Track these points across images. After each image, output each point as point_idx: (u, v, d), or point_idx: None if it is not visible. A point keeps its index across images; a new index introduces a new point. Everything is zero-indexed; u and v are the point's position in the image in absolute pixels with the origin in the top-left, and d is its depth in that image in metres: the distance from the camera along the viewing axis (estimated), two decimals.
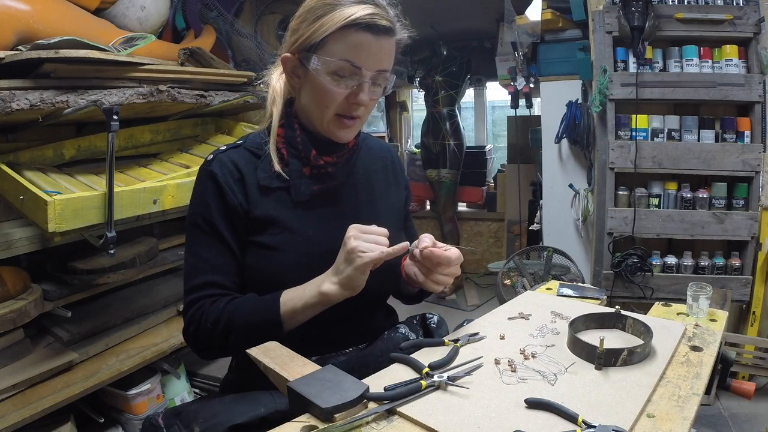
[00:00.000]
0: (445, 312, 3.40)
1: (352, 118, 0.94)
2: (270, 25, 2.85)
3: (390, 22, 0.90)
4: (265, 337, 0.86)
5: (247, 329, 0.88)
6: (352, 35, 0.87)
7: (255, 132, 1.03)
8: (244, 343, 0.85)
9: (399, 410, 0.70)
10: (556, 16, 2.55)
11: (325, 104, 0.92)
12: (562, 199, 2.70)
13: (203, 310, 0.91)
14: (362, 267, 0.83)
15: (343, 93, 0.91)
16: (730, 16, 2.19)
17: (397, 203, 1.12)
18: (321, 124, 0.95)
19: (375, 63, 0.90)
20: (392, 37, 0.92)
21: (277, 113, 0.98)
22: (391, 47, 0.92)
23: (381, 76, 0.93)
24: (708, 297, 1.02)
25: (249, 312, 0.89)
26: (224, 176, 0.94)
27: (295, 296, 0.89)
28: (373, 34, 0.88)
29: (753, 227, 2.21)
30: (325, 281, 0.86)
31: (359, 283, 0.85)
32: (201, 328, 0.90)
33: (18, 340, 1.65)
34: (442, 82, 3.93)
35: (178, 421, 0.87)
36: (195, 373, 2.29)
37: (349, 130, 0.96)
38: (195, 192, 0.98)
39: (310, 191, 0.97)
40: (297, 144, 0.97)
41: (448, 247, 0.92)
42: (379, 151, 1.13)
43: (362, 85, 0.90)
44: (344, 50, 0.88)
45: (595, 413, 0.68)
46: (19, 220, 1.58)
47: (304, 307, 0.88)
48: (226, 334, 0.89)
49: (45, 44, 1.47)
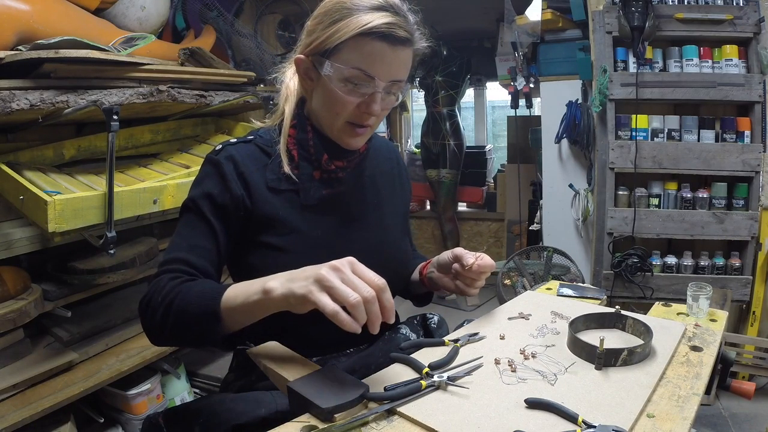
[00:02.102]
0: (445, 312, 3.40)
1: (363, 126, 0.92)
2: (270, 25, 2.85)
3: (408, 33, 0.87)
4: (199, 328, 0.77)
5: (184, 315, 0.78)
6: (368, 44, 0.85)
7: (265, 128, 1.01)
8: (179, 331, 0.79)
9: (399, 410, 0.70)
10: (556, 16, 2.55)
11: (336, 111, 0.90)
12: (562, 199, 2.70)
13: (161, 285, 0.82)
14: (307, 301, 0.69)
15: (355, 101, 0.89)
16: (730, 16, 2.19)
17: (402, 206, 1.12)
18: (331, 131, 0.94)
19: (390, 73, 0.87)
20: (409, 48, 0.89)
21: (289, 112, 0.97)
22: (408, 57, 0.90)
23: (395, 86, 0.90)
24: (708, 297, 1.02)
25: (192, 296, 0.79)
26: (229, 167, 0.91)
27: (239, 290, 0.77)
28: (389, 44, 0.85)
29: (753, 227, 2.21)
30: (275, 279, 0.74)
31: (299, 309, 0.71)
32: (151, 301, 0.82)
33: (18, 340, 1.65)
34: (442, 82, 3.92)
35: (178, 421, 0.87)
36: (195, 373, 2.29)
37: (359, 138, 0.94)
38: (196, 178, 0.95)
39: (320, 195, 0.96)
40: (309, 147, 0.95)
41: (481, 255, 0.97)
42: (386, 151, 1.12)
43: (375, 94, 0.88)
44: (358, 58, 0.85)
45: (595, 413, 0.68)
46: (19, 220, 1.58)
47: (243, 304, 0.75)
48: (165, 315, 0.79)
49: (45, 44, 1.47)
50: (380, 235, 1.02)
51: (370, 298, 0.68)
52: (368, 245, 0.98)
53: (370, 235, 1.00)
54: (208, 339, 0.79)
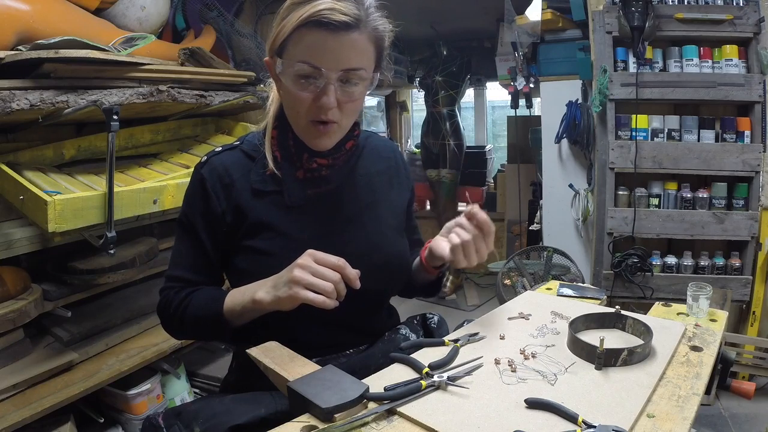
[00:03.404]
0: (445, 312, 3.40)
1: (326, 123, 0.88)
2: (270, 25, 2.83)
3: (351, 16, 0.82)
4: (213, 330, 0.94)
5: (196, 320, 0.94)
6: (307, 34, 0.83)
7: (254, 132, 1.02)
8: (197, 333, 0.99)
9: (399, 410, 0.70)
10: (556, 16, 2.55)
11: (296, 110, 0.89)
12: (562, 199, 2.69)
13: (168, 298, 0.97)
14: (296, 300, 0.81)
15: (309, 97, 0.86)
16: (730, 16, 2.19)
17: (399, 205, 1.08)
18: (299, 132, 0.93)
19: (337, 62, 0.84)
20: (355, 32, 0.83)
21: (272, 114, 0.98)
22: (359, 42, 0.85)
23: (352, 75, 0.86)
24: (708, 297, 1.02)
25: (198, 305, 0.94)
26: (212, 181, 0.94)
27: (235, 298, 0.90)
28: (330, 31, 0.81)
29: (753, 227, 2.21)
30: (261, 289, 0.85)
31: (290, 307, 0.83)
32: (164, 311, 0.98)
33: (18, 340, 1.65)
34: (442, 82, 3.93)
35: (178, 422, 0.87)
36: (195, 373, 2.29)
37: (326, 136, 0.90)
38: (186, 191, 0.99)
39: (304, 195, 0.95)
40: (289, 147, 0.95)
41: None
42: (384, 151, 1.09)
43: (326, 87, 0.84)
44: (302, 51, 0.83)
45: (595, 413, 0.68)
46: (19, 220, 1.58)
47: (242, 310, 0.89)
48: (181, 322, 0.95)
49: (45, 44, 1.47)
50: (375, 236, 1.00)
51: (338, 279, 0.81)
52: (362, 246, 0.97)
53: (364, 236, 0.98)
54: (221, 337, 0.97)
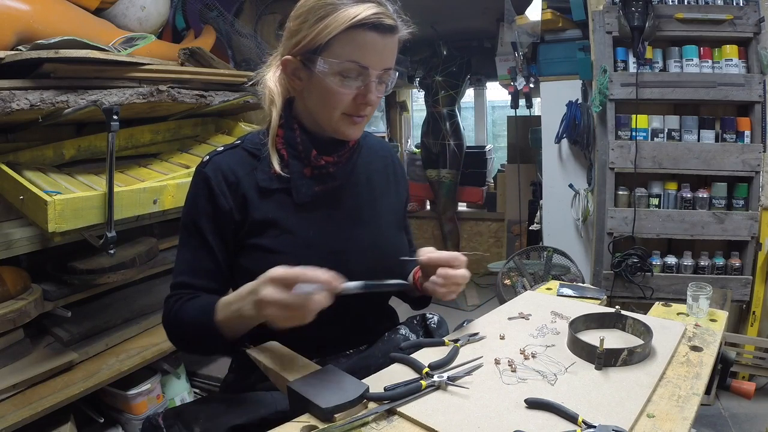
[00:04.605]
0: (445, 312, 3.39)
1: (360, 116, 0.94)
2: (270, 25, 2.85)
3: (394, 20, 0.90)
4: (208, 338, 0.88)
5: (193, 329, 0.90)
6: (359, 36, 0.87)
7: (254, 132, 1.03)
8: (194, 343, 0.92)
9: (399, 410, 0.70)
10: (556, 16, 2.55)
11: (333, 105, 0.91)
12: (562, 199, 2.70)
13: (172, 307, 0.94)
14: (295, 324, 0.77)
15: (351, 94, 0.90)
16: (730, 16, 2.19)
17: (397, 203, 1.11)
18: (329, 124, 0.95)
19: (381, 62, 0.90)
20: (396, 35, 0.92)
21: (276, 114, 0.98)
22: (395, 45, 0.93)
23: (386, 74, 0.93)
24: (708, 297, 1.02)
25: (192, 313, 0.90)
26: (217, 180, 0.94)
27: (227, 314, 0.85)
28: (379, 34, 0.87)
29: (753, 227, 2.21)
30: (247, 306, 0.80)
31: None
32: (167, 318, 0.95)
33: (18, 340, 1.65)
34: (442, 82, 3.93)
35: (178, 422, 0.87)
36: (195, 373, 2.29)
37: (357, 127, 0.96)
38: (188, 193, 0.98)
39: (312, 192, 0.96)
40: (297, 144, 0.96)
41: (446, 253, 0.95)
42: (380, 150, 1.13)
43: (369, 84, 0.90)
44: (351, 51, 0.87)
45: (595, 413, 0.68)
46: (19, 220, 1.58)
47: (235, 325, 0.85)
48: (180, 331, 0.94)
49: (45, 44, 1.47)
50: (375, 233, 1.02)
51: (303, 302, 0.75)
52: (363, 244, 0.99)
53: (365, 233, 1.00)
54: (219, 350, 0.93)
